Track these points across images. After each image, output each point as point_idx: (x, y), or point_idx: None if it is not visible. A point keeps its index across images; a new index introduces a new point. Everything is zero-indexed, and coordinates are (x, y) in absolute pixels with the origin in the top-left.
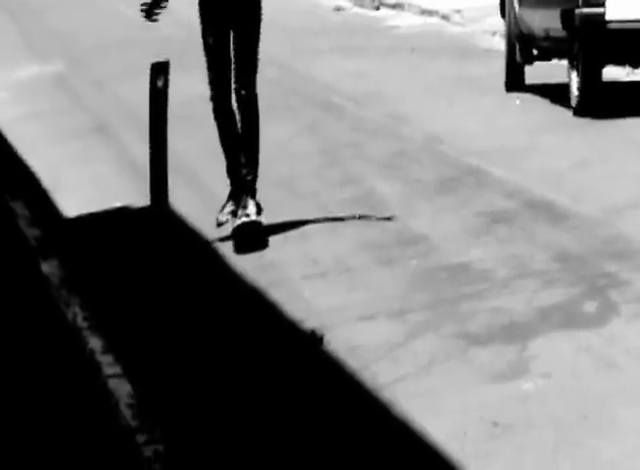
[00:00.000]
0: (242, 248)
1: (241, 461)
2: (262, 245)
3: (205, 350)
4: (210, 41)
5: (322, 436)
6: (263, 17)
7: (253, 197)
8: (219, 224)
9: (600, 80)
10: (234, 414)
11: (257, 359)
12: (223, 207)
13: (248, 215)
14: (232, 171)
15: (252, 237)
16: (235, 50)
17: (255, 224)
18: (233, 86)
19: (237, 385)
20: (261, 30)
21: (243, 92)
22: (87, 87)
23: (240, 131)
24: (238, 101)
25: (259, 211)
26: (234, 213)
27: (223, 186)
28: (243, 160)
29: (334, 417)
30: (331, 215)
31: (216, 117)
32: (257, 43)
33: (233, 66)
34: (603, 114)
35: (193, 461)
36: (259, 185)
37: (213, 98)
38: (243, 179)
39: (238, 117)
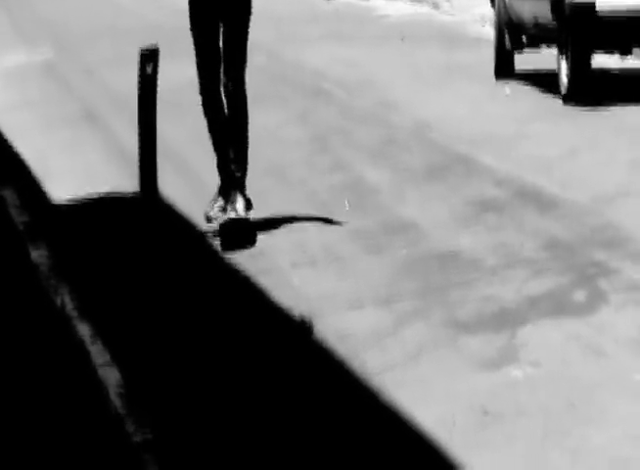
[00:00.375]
0: (229, 245)
1: (230, 449)
2: (250, 242)
3: (195, 337)
4: (200, 36)
5: (310, 423)
6: (253, 5)
7: (243, 193)
8: (208, 220)
9: (589, 68)
10: (223, 402)
11: (247, 347)
12: (213, 201)
13: (236, 212)
14: (222, 166)
15: (240, 234)
16: (224, 44)
17: (243, 221)
18: (222, 80)
19: (226, 372)
20: (252, 18)
21: (231, 86)
22: (76, 75)
23: (228, 126)
24: (226, 95)
25: (249, 206)
26: (223, 209)
27: (212, 173)
28: (231, 155)
29: (323, 405)
30: (320, 203)
31: (206, 113)
32: (247, 37)
33: (222, 60)
34: (592, 101)
35: (183, 450)
36: (249, 173)
37: (203, 92)
38: (232, 175)
39: (226, 112)
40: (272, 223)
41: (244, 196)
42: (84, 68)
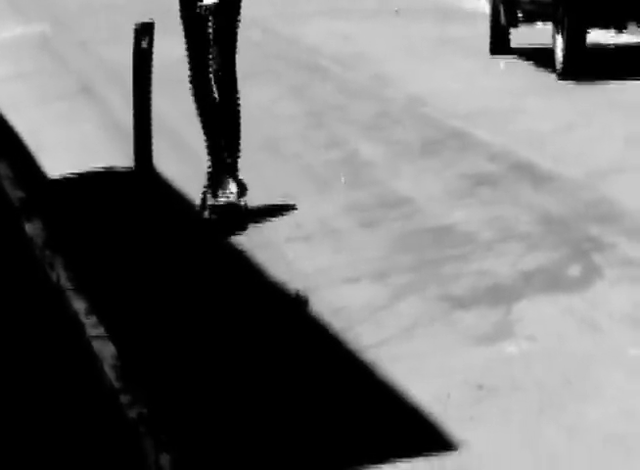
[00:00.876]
0: (219, 229)
1: (224, 421)
2: (240, 228)
3: (190, 311)
4: (189, 23)
5: (304, 397)
6: None
7: (235, 178)
8: (201, 206)
9: (584, 44)
10: (218, 376)
11: (242, 321)
12: (206, 188)
13: (228, 197)
14: (213, 152)
15: (231, 219)
16: (215, 31)
17: (234, 207)
18: (212, 68)
19: (221, 347)
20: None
21: (221, 74)
22: (72, 48)
23: (219, 112)
24: (216, 83)
25: (242, 191)
26: (214, 194)
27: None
28: (223, 142)
29: (317, 378)
30: (315, 177)
31: (196, 100)
32: (237, 24)
33: (212, 46)
34: (587, 77)
35: (177, 423)
36: (244, 148)
37: (193, 81)
38: (223, 161)
39: (217, 99)
40: (267, 198)
41: (236, 181)
42: (79, 41)
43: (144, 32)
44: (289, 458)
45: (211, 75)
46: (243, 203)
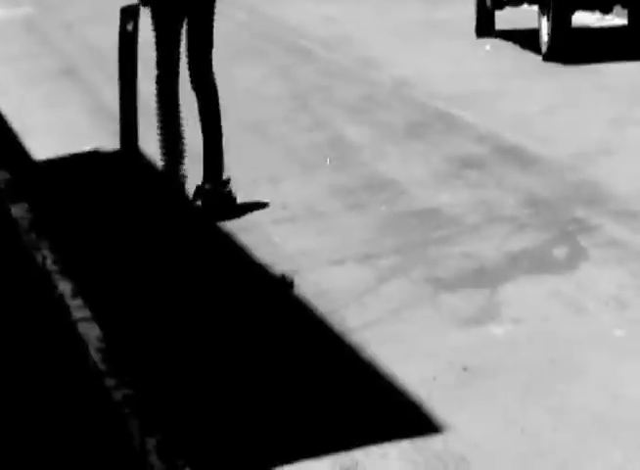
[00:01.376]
0: (204, 213)
1: (210, 404)
2: (225, 212)
3: (175, 293)
4: (161, 24)
5: (289, 379)
6: None
7: (219, 165)
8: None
9: (570, 26)
10: (203, 358)
11: (227, 303)
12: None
13: (213, 183)
14: (170, 168)
15: (216, 204)
16: (190, 34)
17: (219, 191)
18: (188, 71)
19: (207, 328)
20: None
21: (199, 77)
22: (57, 30)
23: (200, 122)
24: (194, 86)
25: (225, 180)
26: (174, 177)
27: (192, 129)
28: (206, 147)
29: (302, 361)
30: (300, 160)
31: (160, 101)
32: (212, 25)
33: (186, 47)
34: (572, 59)
35: (163, 405)
36: (229, 131)
37: (159, 81)
38: (180, 172)
39: (197, 107)
40: (252, 180)
41: (220, 168)
42: (65, 23)
43: (129, 15)
44: (273, 440)
45: (187, 79)
46: (227, 189)
